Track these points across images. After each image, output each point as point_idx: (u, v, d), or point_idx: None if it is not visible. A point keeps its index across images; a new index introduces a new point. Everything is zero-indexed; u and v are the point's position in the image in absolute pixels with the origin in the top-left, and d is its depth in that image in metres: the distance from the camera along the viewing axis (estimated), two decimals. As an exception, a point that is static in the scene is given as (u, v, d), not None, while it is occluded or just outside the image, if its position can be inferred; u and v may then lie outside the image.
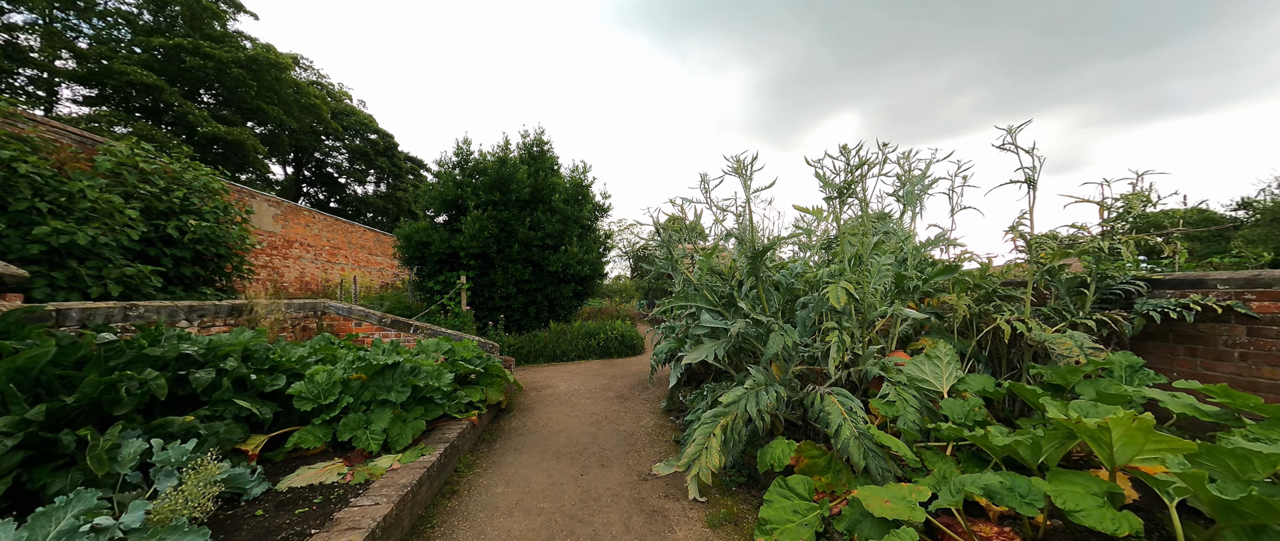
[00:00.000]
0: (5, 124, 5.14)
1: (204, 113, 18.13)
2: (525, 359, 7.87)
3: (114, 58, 16.63)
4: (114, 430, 2.02)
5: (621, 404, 4.79)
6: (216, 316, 3.78)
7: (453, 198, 8.74)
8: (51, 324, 2.58)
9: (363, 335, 5.27)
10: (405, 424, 2.90)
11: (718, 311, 3.20)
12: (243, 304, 4.02)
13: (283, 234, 11.17)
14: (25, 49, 15.41)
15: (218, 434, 2.36)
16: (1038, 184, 2.87)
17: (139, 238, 5.10)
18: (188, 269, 5.70)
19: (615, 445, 3.49)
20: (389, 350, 3.39)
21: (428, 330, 5.44)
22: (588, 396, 5.19)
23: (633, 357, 8.24)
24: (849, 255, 2.88)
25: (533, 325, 9.28)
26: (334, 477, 2.42)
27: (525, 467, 3.09)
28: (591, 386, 5.73)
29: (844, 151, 2.72)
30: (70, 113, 17.05)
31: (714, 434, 2.50)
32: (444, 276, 8.41)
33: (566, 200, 9.49)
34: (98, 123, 16.01)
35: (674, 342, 3.32)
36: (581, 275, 9.55)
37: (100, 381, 2.12)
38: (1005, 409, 2.79)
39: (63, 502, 1.53)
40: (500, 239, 8.70)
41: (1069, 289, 3.10)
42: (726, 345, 2.95)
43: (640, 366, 7.18)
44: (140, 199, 5.38)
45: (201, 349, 2.70)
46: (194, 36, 18.54)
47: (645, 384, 5.76)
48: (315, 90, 24.65)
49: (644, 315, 16.94)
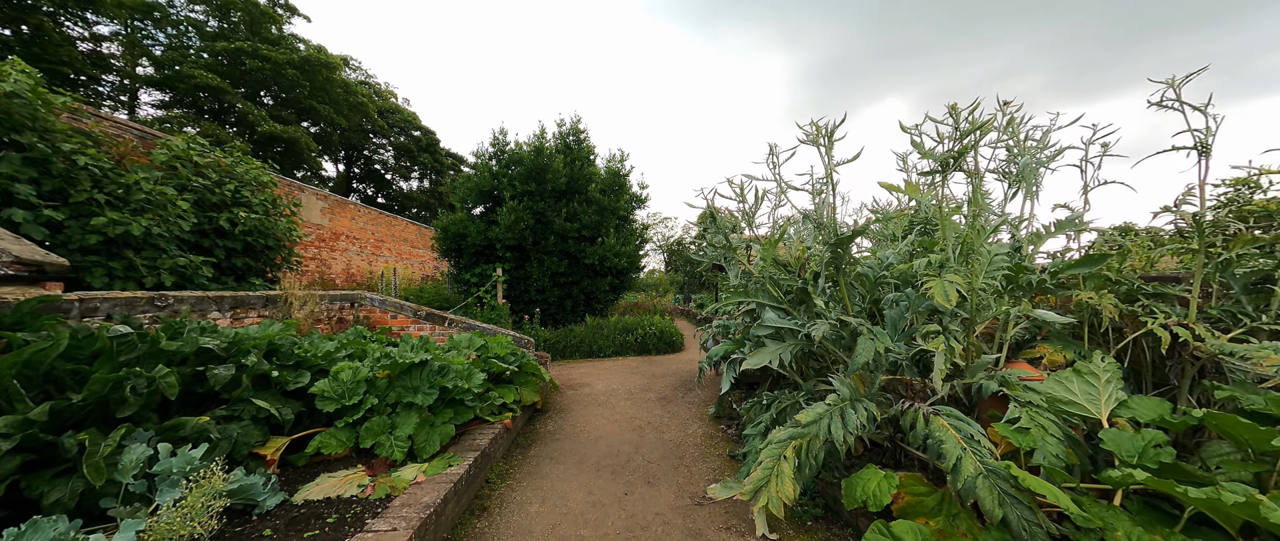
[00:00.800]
0: (71, 119, 5.34)
1: (263, 113, 19.14)
2: (561, 354, 7.63)
3: (184, 62, 17.78)
4: (117, 433, 1.83)
5: (664, 407, 4.40)
6: (250, 307, 3.68)
7: (489, 189, 8.60)
8: (72, 314, 2.48)
9: (398, 328, 5.15)
10: (433, 429, 2.63)
11: (783, 309, 2.74)
12: (277, 295, 3.93)
13: (330, 227, 11.51)
14: (108, 57, 16.71)
15: (233, 437, 2.16)
16: (1212, 150, 2.22)
17: (191, 228, 5.21)
18: (239, 260, 5.80)
19: (662, 457, 3.11)
20: (418, 347, 3.14)
21: (463, 323, 5.26)
22: (627, 397, 4.84)
23: (672, 355, 7.84)
24: (952, 242, 2.34)
25: (568, 319, 9.06)
26: (353, 489, 2.17)
27: (562, 481, 2.77)
28: (630, 386, 5.38)
29: (953, 113, 2.18)
30: (147, 115, 18.42)
31: (785, 457, 2.06)
32: (480, 269, 8.31)
33: (603, 190, 9.17)
34: (170, 124, 17.20)
35: (730, 344, 2.89)
36: (618, 268, 9.22)
37: (108, 379, 1.94)
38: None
39: (13, 535, 1.30)
40: (536, 230, 8.50)
41: (1244, 285, 2.42)
42: (795, 349, 2.49)
43: (681, 365, 6.77)
44: (193, 191, 5.49)
45: (224, 343, 2.53)
46: (253, 40, 19.57)
47: (689, 385, 5.34)
48: (363, 89, 25.61)
49: (681, 310, 16.48)
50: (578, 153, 9.14)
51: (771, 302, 2.69)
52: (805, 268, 2.83)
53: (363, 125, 26.67)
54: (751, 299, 2.74)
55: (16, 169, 3.84)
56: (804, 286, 2.49)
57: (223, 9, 19.36)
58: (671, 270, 28.35)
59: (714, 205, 2.97)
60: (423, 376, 2.78)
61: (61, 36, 13.87)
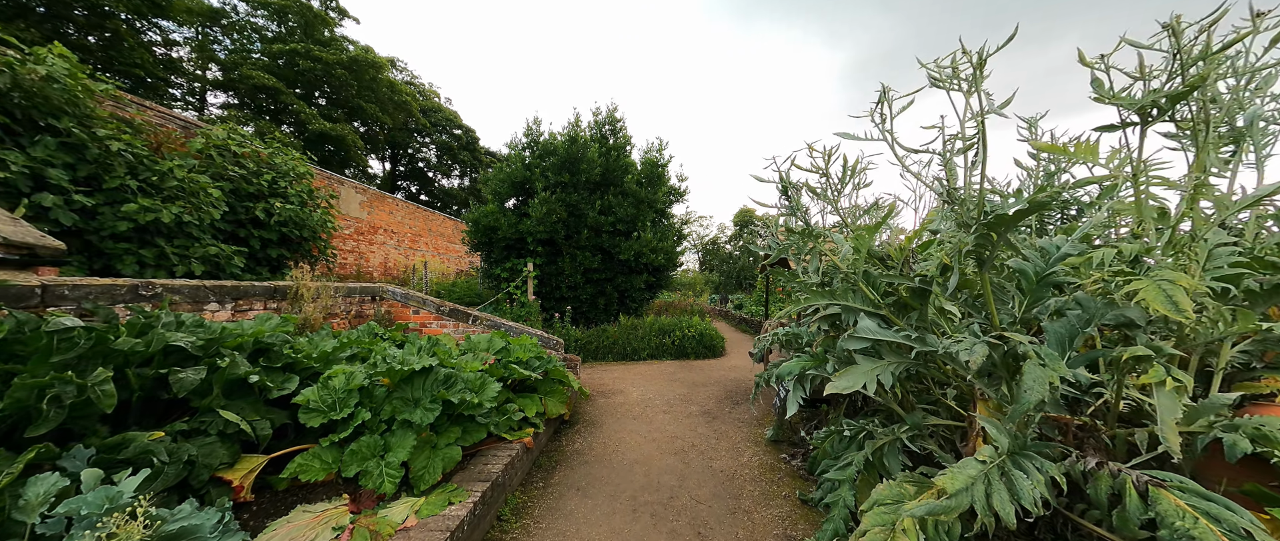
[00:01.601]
0: (113, 107, 5.34)
1: (313, 112, 19.91)
2: (592, 355, 7.14)
3: (243, 64, 18.72)
4: (22, 459, 1.43)
5: (710, 425, 3.78)
6: (254, 299, 3.37)
7: (521, 180, 8.23)
8: (33, 304, 2.17)
9: (419, 324, 4.80)
10: (434, 452, 2.15)
11: (881, 316, 2.07)
12: (285, 286, 3.61)
13: (368, 220, 11.59)
14: (178, 61, 17.81)
15: (186, 459, 1.74)
16: None
17: (222, 217, 5.14)
18: (273, 250, 5.70)
19: (713, 495, 2.50)
20: (425, 349, 2.69)
21: (487, 322, 4.85)
22: (665, 410, 4.26)
23: (713, 361, 7.18)
24: (1155, 225, 1.60)
25: (601, 318, 8.57)
26: (327, 535, 1.70)
27: (591, 524, 2.22)
28: (669, 396, 4.79)
29: (1173, 27, 1.45)
30: (211, 116, 19.56)
31: (904, 529, 1.41)
32: (511, 263, 7.95)
33: (639, 182, 8.61)
34: (230, 123, 18.16)
35: (808, 361, 2.24)
36: (654, 264, 8.64)
37: (33, 385, 1.56)
38: None
39: None
40: (569, 224, 8.05)
41: None
42: (900, 369, 1.82)
43: (724, 373, 6.11)
44: (229, 180, 5.42)
45: (201, 341, 2.14)
46: (306, 42, 20.40)
47: (736, 397, 4.69)
48: (407, 88, 26.33)
49: (719, 310, 15.71)
50: (613, 144, 8.63)
51: (866, 307, 2.02)
52: (909, 262, 2.14)
53: (407, 124, 27.45)
54: (837, 301, 2.08)
55: (51, 153, 3.74)
56: (919, 286, 1.81)
57: (280, 12, 20.27)
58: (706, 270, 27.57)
59: (786, 175, 2.32)
60: (425, 386, 2.30)
61: (136, 41, 14.82)
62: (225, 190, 5.24)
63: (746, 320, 12.48)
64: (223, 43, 19.76)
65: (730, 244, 27.65)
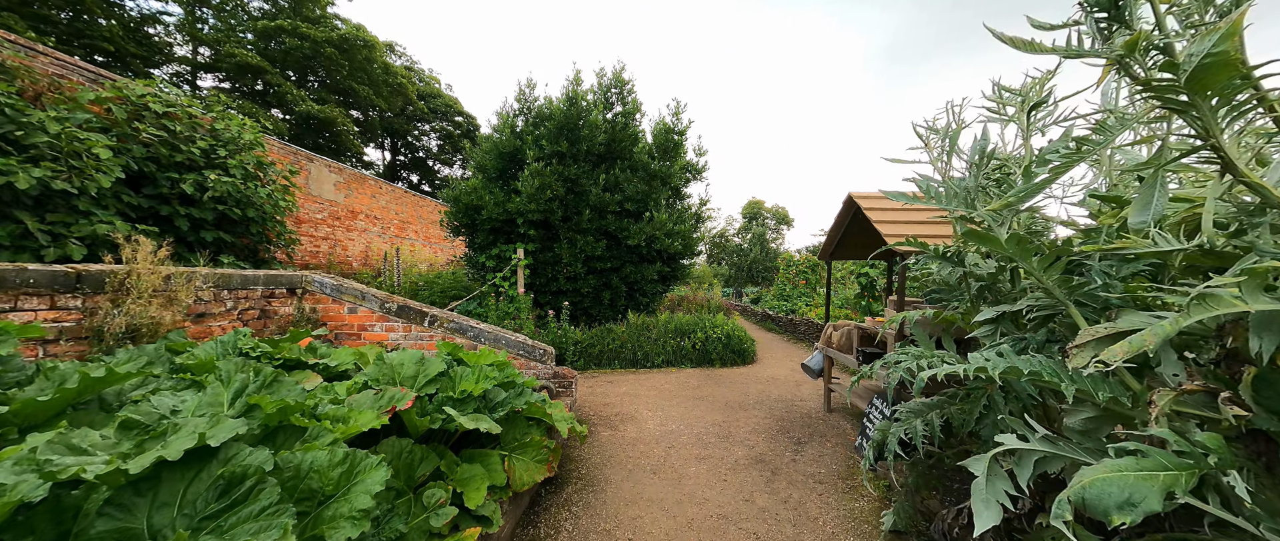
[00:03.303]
0: (-15, 48, 4.12)
1: (302, 93, 18.71)
2: (594, 361, 5.82)
3: (226, 42, 17.55)
4: None
5: (770, 485, 2.45)
6: (31, 294, 2.06)
7: (510, 150, 6.88)
8: None
9: (357, 327, 3.52)
10: None
11: None
12: (98, 270, 2.31)
13: (345, 204, 10.34)
14: (153, 38, 16.65)
15: None
16: None
17: (138, 189, 4.08)
18: (208, 233, 4.51)
19: None
20: (218, 410, 1.36)
21: (451, 322, 3.55)
22: (699, 453, 2.93)
23: (744, 369, 5.83)
24: None
25: (606, 316, 7.24)
26: None
27: None
28: (700, 426, 3.46)
29: None
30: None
31: None
32: (498, 249, 6.64)
33: (651, 154, 7.23)
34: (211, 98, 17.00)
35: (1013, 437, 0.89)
36: (670, 251, 7.28)
37: None
38: None
39: None
40: (567, 202, 6.71)
41: None
42: None
43: (762, 387, 4.76)
44: (144, 144, 4.23)
45: None
46: (294, 20, 19.16)
47: (789, 425, 3.33)
48: (405, 73, 25.03)
49: (736, 305, 14.32)
50: (621, 110, 7.24)
51: None
52: None
53: (406, 110, 26.18)
54: (1041, 303, 0.74)
55: None
56: None
57: (266, -11, 19.03)
58: (713, 262, 26.18)
59: (927, 137, 1.03)
60: (183, 499, 0.98)
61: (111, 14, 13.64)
62: (137, 156, 4.06)
63: (770, 316, 11.09)
64: (209, 21, 18.58)
65: (738, 237, 26.11)
